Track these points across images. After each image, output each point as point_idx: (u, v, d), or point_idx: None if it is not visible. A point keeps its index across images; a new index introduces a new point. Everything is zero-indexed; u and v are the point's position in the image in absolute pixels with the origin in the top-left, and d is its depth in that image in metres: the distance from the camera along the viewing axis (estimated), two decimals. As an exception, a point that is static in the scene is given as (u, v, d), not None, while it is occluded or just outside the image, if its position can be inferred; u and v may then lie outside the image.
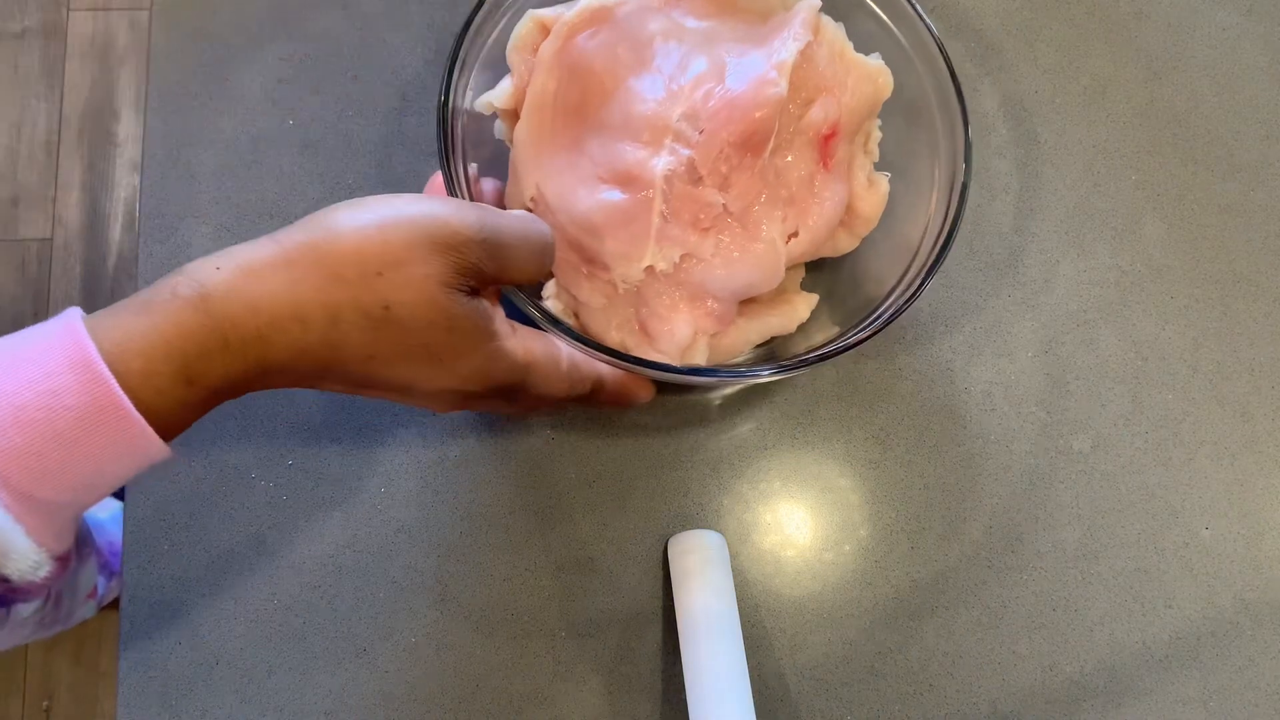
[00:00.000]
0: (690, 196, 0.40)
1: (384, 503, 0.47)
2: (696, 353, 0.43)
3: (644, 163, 0.40)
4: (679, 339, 0.42)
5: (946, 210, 0.43)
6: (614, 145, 0.41)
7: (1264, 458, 0.50)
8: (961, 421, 0.50)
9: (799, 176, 0.43)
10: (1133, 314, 0.52)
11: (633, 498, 0.48)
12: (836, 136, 0.43)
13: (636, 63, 0.42)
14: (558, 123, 0.42)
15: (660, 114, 0.40)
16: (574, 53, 0.42)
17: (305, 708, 0.45)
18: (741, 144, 0.40)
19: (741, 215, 0.41)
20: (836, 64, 0.43)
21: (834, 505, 0.49)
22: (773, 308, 0.45)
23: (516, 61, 0.44)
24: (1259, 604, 0.48)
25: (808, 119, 0.42)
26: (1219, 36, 0.56)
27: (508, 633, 0.46)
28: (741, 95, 0.40)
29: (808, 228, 0.43)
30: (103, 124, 1.37)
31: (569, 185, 0.41)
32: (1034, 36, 0.56)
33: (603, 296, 0.42)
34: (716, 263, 0.41)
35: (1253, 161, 0.54)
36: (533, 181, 0.42)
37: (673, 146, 0.40)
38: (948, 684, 0.47)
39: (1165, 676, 0.47)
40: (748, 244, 0.41)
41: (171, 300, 0.31)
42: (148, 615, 0.46)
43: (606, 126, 0.41)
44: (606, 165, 0.41)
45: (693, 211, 0.40)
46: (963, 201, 0.42)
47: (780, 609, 0.47)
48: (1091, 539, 0.49)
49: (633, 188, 0.40)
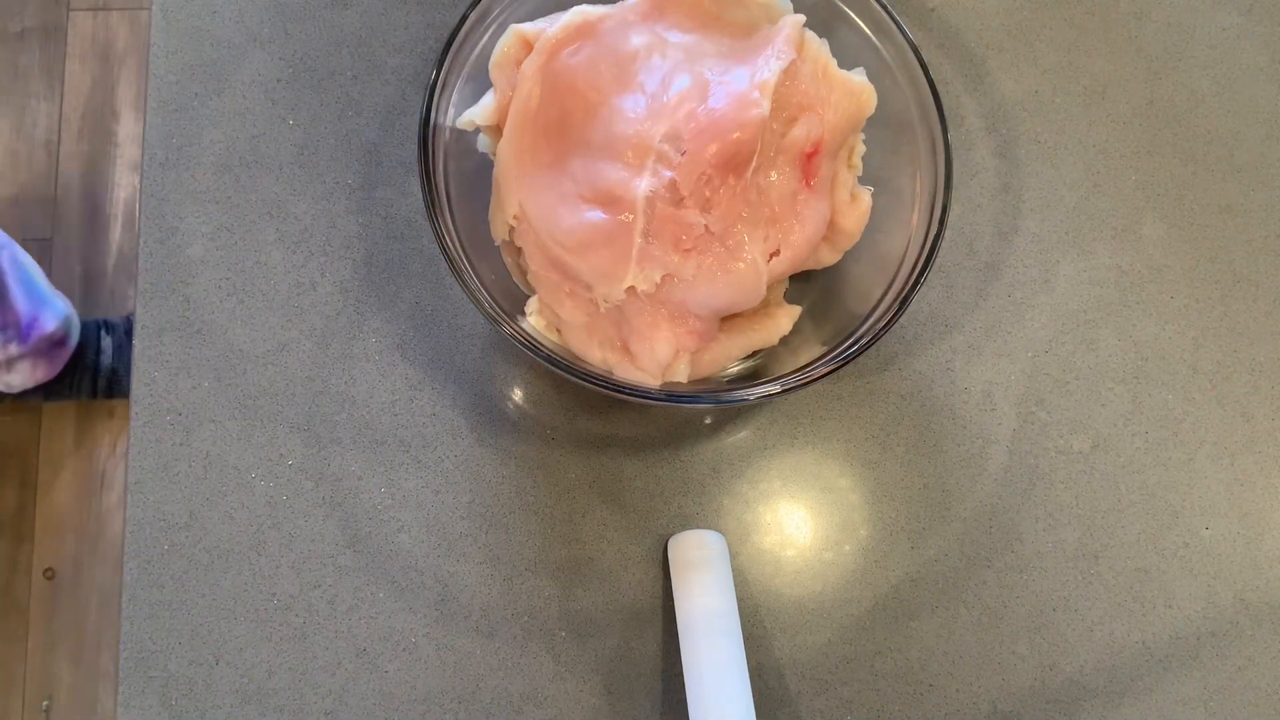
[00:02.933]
0: (672, 218, 0.40)
1: (384, 503, 0.47)
2: (678, 370, 0.42)
3: (626, 183, 0.40)
4: (660, 357, 0.41)
5: (928, 229, 0.43)
6: (596, 165, 0.41)
7: (1264, 458, 0.50)
8: (961, 421, 0.50)
9: (781, 195, 0.42)
10: (1133, 314, 0.52)
11: (633, 498, 0.48)
12: (819, 154, 0.42)
13: (619, 80, 0.41)
14: (540, 140, 0.42)
15: (643, 134, 0.40)
16: (557, 69, 0.42)
17: (305, 708, 0.45)
18: (723, 164, 0.40)
19: (723, 235, 0.41)
20: (820, 81, 0.42)
21: (834, 505, 0.49)
22: (755, 322, 0.45)
23: (499, 77, 0.43)
24: (1259, 604, 0.48)
25: (790, 137, 0.42)
26: (1219, 36, 0.56)
27: (508, 633, 0.46)
28: (723, 115, 0.39)
29: (790, 245, 0.43)
30: (103, 124, 1.37)
31: (551, 204, 0.41)
32: (1034, 36, 0.56)
33: (584, 314, 0.42)
34: (698, 282, 0.41)
35: (1253, 161, 0.54)
36: (515, 200, 0.42)
37: (655, 167, 0.40)
38: (948, 684, 0.47)
39: (1165, 676, 0.47)
40: (730, 264, 0.41)
41: None
42: (148, 615, 0.46)
43: (589, 145, 0.41)
44: (588, 185, 0.41)
45: (674, 233, 0.40)
46: (943, 223, 0.42)
47: (780, 609, 0.47)
48: (1091, 539, 0.49)
49: (614, 208, 0.40)
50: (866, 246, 0.46)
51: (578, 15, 0.43)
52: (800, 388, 0.41)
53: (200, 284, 0.49)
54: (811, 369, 0.42)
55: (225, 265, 0.50)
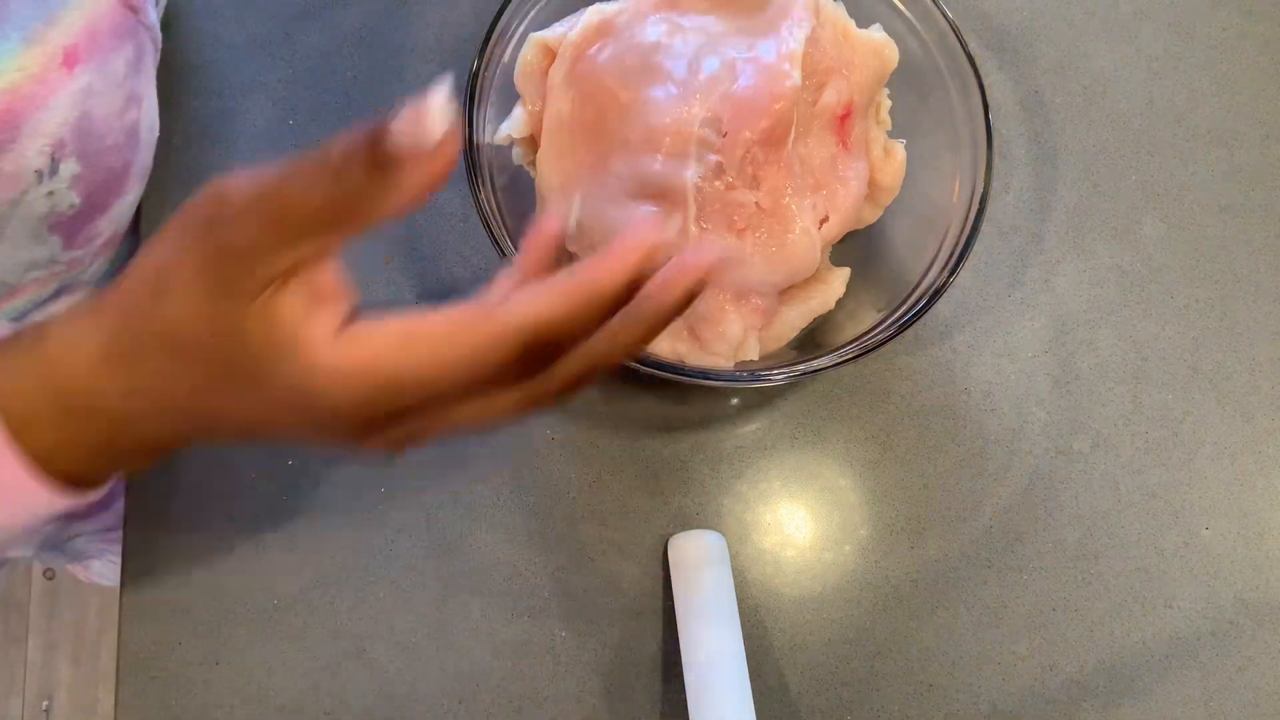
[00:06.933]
0: (722, 200, 0.40)
1: (384, 502, 0.47)
2: (749, 349, 0.43)
3: (672, 174, 0.40)
4: (731, 339, 0.42)
5: (974, 166, 0.44)
6: (639, 160, 0.41)
7: (1264, 458, 0.50)
8: (961, 421, 0.50)
9: (821, 161, 0.43)
10: (1133, 314, 0.52)
11: (633, 498, 0.48)
12: (851, 115, 0.43)
13: (647, 72, 0.42)
14: (578, 145, 0.42)
15: (680, 122, 0.40)
16: (584, 72, 0.42)
17: (305, 708, 0.45)
18: (764, 140, 0.40)
19: (773, 210, 0.41)
20: (842, 43, 0.43)
21: (834, 505, 0.49)
22: (809, 290, 0.46)
23: (526, 88, 0.44)
24: (1259, 604, 0.48)
25: (822, 103, 0.42)
26: (1219, 36, 0.56)
27: (508, 633, 0.46)
28: (757, 91, 0.40)
29: (837, 209, 0.43)
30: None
31: (600, 206, 0.41)
32: (1034, 36, 0.56)
33: None
34: (756, 260, 0.41)
35: (1253, 161, 0.54)
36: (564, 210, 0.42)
37: (697, 153, 0.40)
38: (948, 684, 0.47)
39: (1165, 676, 0.47)
40: (784, 236, 0.42)
41: (14, 344, 0.29)
42: (148, 615, 0.46)
43: (629, 142, 0.41)
44: (634, 181, 0.41)
45: (727, 214, 0.41)
46: (990, 152, 0.43)
47: (780, 609, 0.47)
48: (1091, 539, 0.49)
49: (665, 200, 0.40)
50: (908, 199, 0.46)
51: (595, 15, 0.43)
52: (874, 349, 0.41)
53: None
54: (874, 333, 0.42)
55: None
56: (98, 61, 0.37)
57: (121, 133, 0.40)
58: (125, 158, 0.41)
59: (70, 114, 0.36)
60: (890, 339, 0.42)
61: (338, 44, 0.53)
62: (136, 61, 0.40)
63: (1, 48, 0.33)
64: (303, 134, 0.52)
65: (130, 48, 0.39)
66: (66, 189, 0.38)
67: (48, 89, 0.35)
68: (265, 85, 0.52)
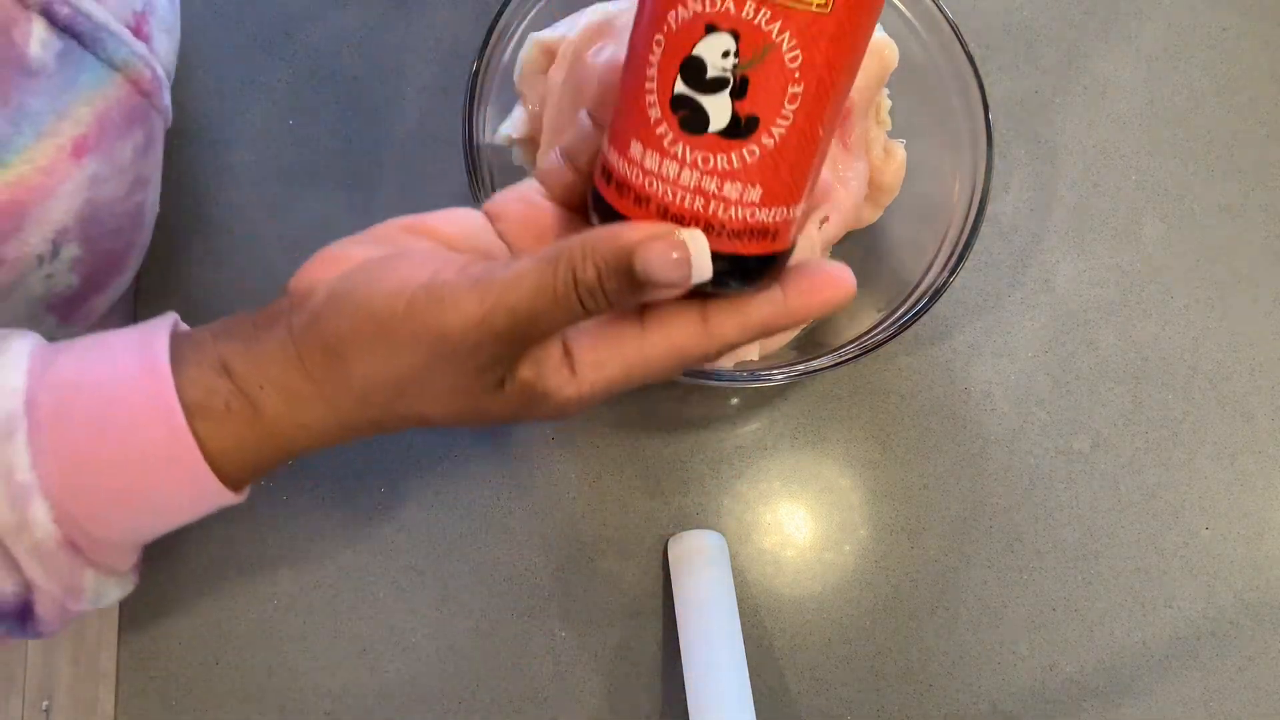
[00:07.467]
0: None
1: (384, 502, 0.47)
2: (749, 349, 0.43)
3: None
4: None
5: (974, 165, 0.44)
6: None
7: (1264, 458, 0.50)
8: (961, 421, 0.50)
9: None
10: (1133, 314, 0.52)
11: (633, 498, 0.48)
12: (851, 115, 0.43)
13: None
14: None
15: None
16: (583, 71, 0.42)
17: (305, 708, 0.45)
18: None
19: None
20: None
21: (834, 505, 0.49)
22: None
23: (526, 89, 0.44)
24: (1259, 604, 0.48)
25: None
26: (1219, 36, 0.56)
27: (508, 633, 0.46)
28: None
29: (838, 209, 0.44)
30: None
31: None
32: (1034, 36, 0.56)
33: None
34: None
35: (1253, 161, 0.54)
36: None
37: None
38: (948, 684, 0.47)
39: (1165, 676, 0.47)
40: None
41: (227, 415, 0.30)
42: (148, 615, 0.46)
43: None
44: None
45: None
46: (990, 150, 0.43)
47: (780, 609, 0.47)
48: (1091, 539, 0.49)
49: None
50: (908, 199, 0.47)
51: (595, 15, 0.43)
52: (874, 349, 0.42)
53: (200, 285, 0.49)
54: (874, 333, 0.42)
55: (225, 266, 0.50)
56: (106, 149, 0.36)
57: (125, 216, 0.40)
58: (127, 239, 0.41)
59: (75, 202, 0.35)
60: (890, 339, 0.42)
61: (338, 44, 0.53)
62: (146, 146, 0.39)
63: (16, 143, 0.32)
64: (303, 134, 0.52)
65: (140, 133, 0.38)
66: (66, 271, 0.37)
67: (55, 180, 0.34)
68: (265, 85, 0.52)
